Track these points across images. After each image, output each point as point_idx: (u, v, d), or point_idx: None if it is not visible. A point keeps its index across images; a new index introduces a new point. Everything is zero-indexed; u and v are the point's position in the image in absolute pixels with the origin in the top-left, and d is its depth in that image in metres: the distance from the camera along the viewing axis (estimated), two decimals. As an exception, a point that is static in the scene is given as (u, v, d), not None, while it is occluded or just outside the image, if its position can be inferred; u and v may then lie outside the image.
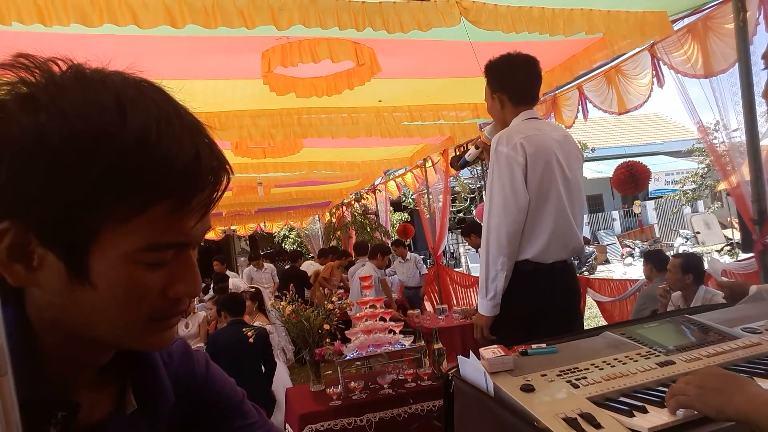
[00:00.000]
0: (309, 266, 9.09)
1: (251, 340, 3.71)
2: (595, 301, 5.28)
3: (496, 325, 2.22)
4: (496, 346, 1.31)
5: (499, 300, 2.16)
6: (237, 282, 8.29)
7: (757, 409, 0.84)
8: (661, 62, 3.60)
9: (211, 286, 7.78)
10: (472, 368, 1.25)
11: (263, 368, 4.18)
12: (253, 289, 4.93)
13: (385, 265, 6.47)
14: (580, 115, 4.56)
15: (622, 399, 1.08)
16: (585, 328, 2.64)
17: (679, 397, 0.95)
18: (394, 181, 8.75)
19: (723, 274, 3.85)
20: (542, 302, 2.15)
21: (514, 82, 2.29)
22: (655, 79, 3.70)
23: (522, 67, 2.29)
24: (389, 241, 9.57)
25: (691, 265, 3.47)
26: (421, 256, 8.47)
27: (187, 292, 0.55)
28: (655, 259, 4.21)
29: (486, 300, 2.19)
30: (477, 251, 7.28)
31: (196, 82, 3.70)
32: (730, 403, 0.87)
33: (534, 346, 1.38)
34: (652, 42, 3.56)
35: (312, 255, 12.54)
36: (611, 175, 6.04)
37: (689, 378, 0.97)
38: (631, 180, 5.05)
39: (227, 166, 0.56)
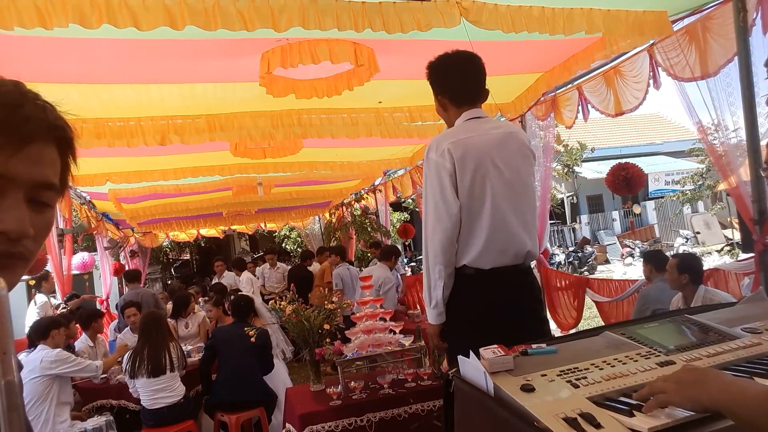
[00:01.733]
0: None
1: (253, 339, 3.73)
2: (594, 301, 5.28)
3: (446, 332, 2.21)
4: (496, 346, 1.31)
5: (441, 308, 2.14)
6: (245, 279, 8.15)
7: (732, 397, 0.85)
8: (658, 66, 3.60)
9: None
10: (472, 368, 1.25)
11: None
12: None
13: (394, 267, 6.53)
14: (580, 115, 4.57)
15: (622, 399, 1.09)
16: (585, 328, 2.61)
17: (658, 396, 0.97)
18: (392, 183, 8.75)
19: (723, 274, 3.87)
20: (483, 307, 2.09)
21: (450, 82, 2.21)
22: (651, 81, 3.71)
23: (457, 67, 2.18)
24: (388, 242, 9.58)
25: (687, 265, 3.49)
26: (420, 257, 8.49)
27: (1, 228, 0.59)
28: (654, 260, 4.21)
29: (430, 308, 2.18)
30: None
31: (197, 85, 3.71)
32: (705, 392, 0.89)
33: (534, 345, 1.38)
34: (651, 42, 3.57)
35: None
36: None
37: (667, 376, 1.00)
38: (624, 182, 5.03)
39: (55, 124, 0.64)
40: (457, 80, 2.20)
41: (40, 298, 6.50)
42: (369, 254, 8.82)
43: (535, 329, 2.12)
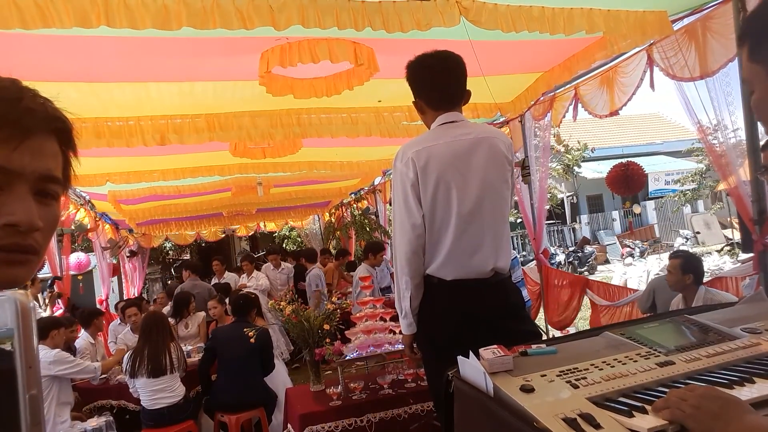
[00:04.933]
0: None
1: (252, 340, 3.73)
2: (591, 302, 5.27)
3: (416, 340, 2.19)
4: (495, 346, 1.31)
5: (411, 319, 2.11)
6: (260, 278, 7.89)
7: None
8: (656, 65, 3.60)
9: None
10: (472, 368, 1.25)
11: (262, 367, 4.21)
12: (253, 295, 4.96)
13: (378, 264, 6.61)
14: (569, 115, 4.59)
15: (621, 399, 1.08)
16: (579, 330, 2.58)
17: (674, 410, 0.94)
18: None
19: (724, 280, 3.85)
20: (445, 319, 2.04)
21: (426, 86, 2.14)
22: (641, 81, 3.72)
23: (431, 69, 2.10)
24: (388, 241, 9.58)
25: (691, 265, 3.48)
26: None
27: (10, 220, 0.59)
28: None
29: (401, 319, 2.16)
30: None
31: (196, 84, 3.70)
32: (725, 430, 0.85)
33: (534, 346, 1.38)
34: (651, 42, 3.56)
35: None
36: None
37: (686, 393, 0.95)
38: (625, 181, 5.03)
39: (54, 115, 0.65)
40: (433, 83, 2.12)
41: None
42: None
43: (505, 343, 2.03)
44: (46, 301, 6.28)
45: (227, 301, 5.39)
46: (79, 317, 5.28)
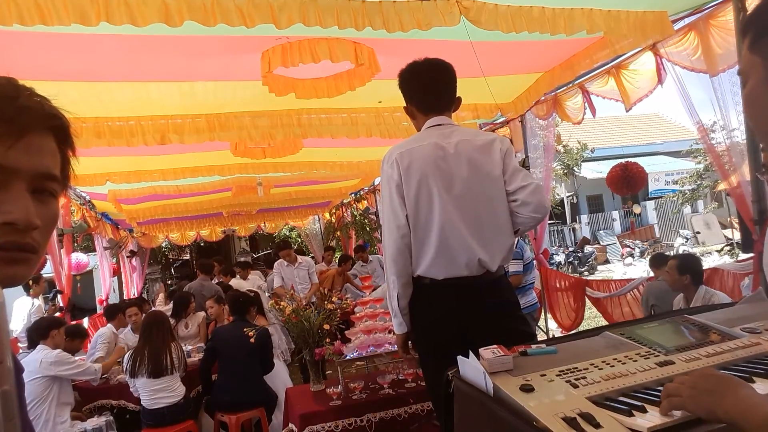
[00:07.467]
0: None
1: (252, 340, 3.72)
2: (592, 298, 5.28)
3: (413, 340, 2.20)
4: (495, 346, 1.31)
5: (401, 318, 2.12)
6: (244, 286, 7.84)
7: (744, 412, 0.82)
8: (663, 59, 3.59)
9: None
10: (472, 368, 1.25)
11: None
12: (253, 293, 4.95)
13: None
14: (588, 113, 4.57)
15: (621, 399, 1.08)
16: (585, 328, 2.58)
17: (672, 399, 0.95)
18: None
19: (722, 274, 3.87)
20: (438, 318, 2.05)
21: (414, 90, 2.21)
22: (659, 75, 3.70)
23: (421, 74, 2.17)
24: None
25: (688, 265, 3.50)
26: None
27: (8, 218, 0.59)
28: (653, 260, 4.36)
29: (392, 318, 2.17)
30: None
31: (196, 84, 3.70)
32: (720, 405, 0.86)
33: (534, 346, 1.38)
34: (652, 42, 3.57)
35: (312, 254, 12.58)
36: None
37: (683, 378, 0.96)
38: (625, 181, 5.02)
39: (51, 113, 0.65)
40: (423, 88, 2.18)
41: (26, 302, 6.44)
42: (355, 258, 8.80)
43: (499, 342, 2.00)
44: (50, 312, 6.31)
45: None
46: (105, 311, 5.49)
